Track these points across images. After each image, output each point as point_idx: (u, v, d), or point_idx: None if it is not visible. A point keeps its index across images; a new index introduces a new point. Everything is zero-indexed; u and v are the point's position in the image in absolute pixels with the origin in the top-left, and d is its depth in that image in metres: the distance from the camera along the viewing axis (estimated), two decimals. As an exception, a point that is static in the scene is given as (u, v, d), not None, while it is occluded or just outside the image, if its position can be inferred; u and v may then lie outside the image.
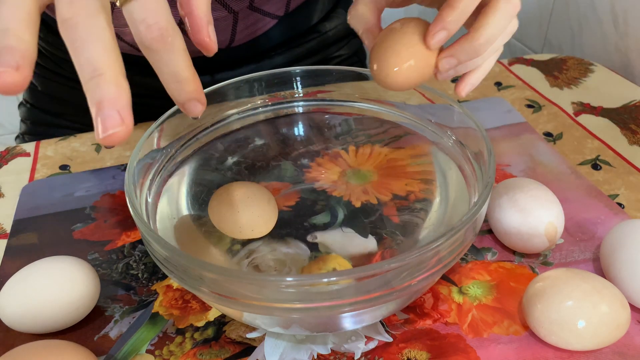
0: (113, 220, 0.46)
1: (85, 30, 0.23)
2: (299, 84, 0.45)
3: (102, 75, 0.23)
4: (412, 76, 0.31)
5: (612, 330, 0.32)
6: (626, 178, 0.48)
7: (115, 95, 0.23)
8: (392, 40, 0.31)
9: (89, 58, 0.23)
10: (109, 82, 0.23)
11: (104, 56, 0.23)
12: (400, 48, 0.31)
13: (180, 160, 0.41)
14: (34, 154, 0.55)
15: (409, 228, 0.40)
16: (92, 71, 0.23)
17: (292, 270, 0.38)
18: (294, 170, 0.45)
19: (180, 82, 0.27)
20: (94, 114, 0.23)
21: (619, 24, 0.66)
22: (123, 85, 0.23)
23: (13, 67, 0.22)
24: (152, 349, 0.36)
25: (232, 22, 0.55)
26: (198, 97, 0.28)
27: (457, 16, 0.29)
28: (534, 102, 0.59)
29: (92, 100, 0.23)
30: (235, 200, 0.38)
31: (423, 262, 0.28)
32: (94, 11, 0.23)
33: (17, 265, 0.40)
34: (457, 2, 0.29)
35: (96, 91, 0.23)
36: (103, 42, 0.23)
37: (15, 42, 0.22)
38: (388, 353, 0.35)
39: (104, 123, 0.23)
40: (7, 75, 0.22)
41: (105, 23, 0.23)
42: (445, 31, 0.30)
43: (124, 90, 0.23)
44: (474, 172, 0.36)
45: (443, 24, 0.30)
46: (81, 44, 0.23)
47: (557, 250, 0.41)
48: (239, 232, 0.38)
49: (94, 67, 0.23)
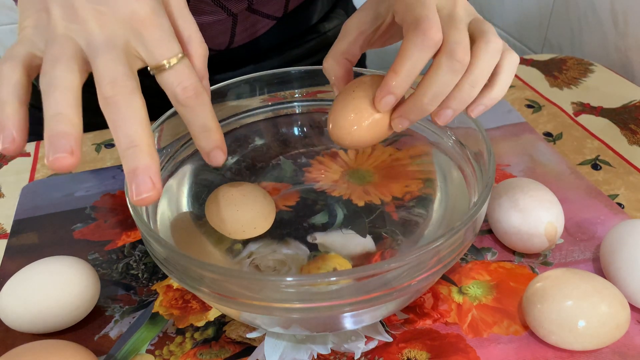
0: (113, 220, 0.46)
1: (125, 109, 0.27)
2: (299, 84, 0.45)
3: (138, 146, 0.26)
4: (364, 136, 0.33)
5: (612, 330, 0.32)
6: (626, 178, 0.48)
7: (148, 164, 0.26)
8: (345, 103, 0.33)
9: (128, 133, 0.26)
10: (143, 153, 0.26)
11: (139, 131, 0.27)
12: (351, 111, 0.33)
13: (180, 160, 0.41)
14: (34, 154, 0.56)
15: (408, 228, 0.40)
16: (129, 142, 0.26)
17: (291, 270, 0.38)
18: (294, 170, 0.45)
19: (208, 132, 0.30)
20: (129, 179, 0.26)
21: (619, 24, 0.66)
22: (155, 156, 0.27)
23: (69, 152, 0.25)
24: (152, 349, 0.36)
25: (231, 24, 0.55)
26: (222, 146, 0.31)
27: (401, 81, 0.31)
28: (534, 102, 0.59)
29: (127, 167, 0.26)
30: (232, 200, 0.38)
31: (423, 262, 0.28)
32: (132, 90, 0.27)
33: (17, 265, 0.40)
34: (399, 67, 0.30)
35: (133, 160, 0.26)
36: (140, 119, 0.27)
37: (69, 127, 0.26)
38: (388, 353, 0.35)
39: (138, 188, 0.26)
40: (65, 160, 0.25)
41: (141, 102, 0.27)
42: (391, 96, 0.31)
43: (156, 161, 0.27)
44: (474, 172, 0.36)
45: (388, 89, 0.31)
46: (122, 121, 0.26)
47: (557, 250, 0.41)
48: (242, 231, 0.38)
49: (131, 139, 0.26)
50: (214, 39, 0.56)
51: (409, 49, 0.30)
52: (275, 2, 0.57)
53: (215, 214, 0.39)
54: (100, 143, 0.56)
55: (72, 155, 0.25)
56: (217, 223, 0.39)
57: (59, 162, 0.25)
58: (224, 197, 0.39)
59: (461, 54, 0.29)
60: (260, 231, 0.38)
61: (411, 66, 0.30)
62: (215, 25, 0.54)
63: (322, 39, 0.65)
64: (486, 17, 0.95)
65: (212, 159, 0.31)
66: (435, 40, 0.29)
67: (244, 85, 0.43)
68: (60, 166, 0.25)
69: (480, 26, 0.31)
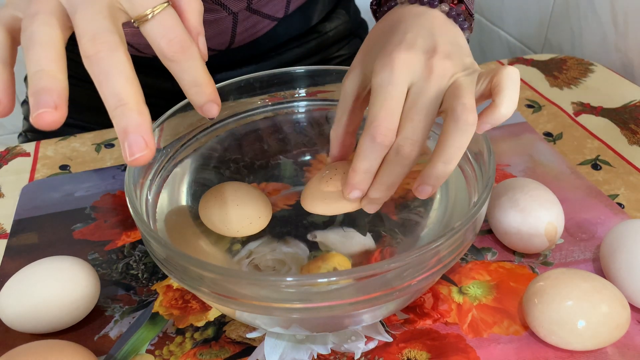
0: (113, 220, 0.46)
1: (108, 64, 0.25)
2: (299, 84, 0.45)
3: (126, 104, 0.25)
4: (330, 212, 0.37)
5: (612, 330, 0.32)
6: (626, 178, 0.48)
7: (138, 122, 0.25)
8: (317, 187, 0.36)
9: (114, 90, 0.25)
10: (132, 111, 0.25)
11: (126, 87, 0.25)
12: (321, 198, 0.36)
13: (180, 160, 0.41)
14: (34, 154, 0.56)
15: (408, 227, 0.40)
16: (117, 101, 0.25)
17: (291, 270, 0.38)
18: (294, 169, 0.45)
19: (199, 86, 0.29)
20: (121, 139, 0.25)
21: (619, 24, 0.66)
22: (145, 112, 0.26)
23: (52, 107, 0.24)
24: (152, 349, 0.36)
25: (231, 24, 0.55)
26: (215, 99, 0.30)
27: (361, 177, 0.32)
28: (534, 102, 0.59)
29: (118, 127, 0.25)
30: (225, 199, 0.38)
31: (423, 262, 0.28)
32: (115, 45, 0.26)
33: (17, 265, 0.40)
34: (357, 166, 0.31)
35: (122, 119, 0.25)
36: (125, 74, 0.26)
37: (51, 82, 0.25)
38: (388, 353, 0.35)
39: (130, 148, 0.25)
40: (48, 115, 0.24)
41: (125, 56, 0.26)
42: (357, 190, 0.32)
43: (146, 117, 0.26)
44: (474, 172, 0.36)
45: (353, 186, 0.32)
46: (105, 77, 0.25)
47: (557, 250, 0.41)
48: (236, 231, 0.38)
49: (118, 98, 0.25)
50: (215, 38, 0.56)
51: (362, 150, 0.31)
52: (275, 3, 0.57)
53: (209, 214, 0.38)
54: (100, 143, 0.56)
55: (56, 110, 0.25)
56: (210, 223, 0.39)
57: (43, 118, 0.24)
58: (217, 197, 0.39)
59: (407, 150, 0.30)
60: (256, 229, 0.38)
61: (368, 165, 0.31)
62: (215, 24, 0.54)
63: (323, 39, 0.65)
64: (486, 17, 0.95)
65: (205, 112, 0.30)
66: (384, 144, 0.30)
67: (244, 85, 0.43)
68: (45, 122, 0.24)
69: (451, 99, 0.30)
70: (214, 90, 0.30)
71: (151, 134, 0.26)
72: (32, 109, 0.25)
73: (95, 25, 0.26)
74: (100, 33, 0.26)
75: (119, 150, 0.55)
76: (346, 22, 0.68)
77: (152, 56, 0.42)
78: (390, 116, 0.30)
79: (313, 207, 0.37)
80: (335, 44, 0.67)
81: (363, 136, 0.31)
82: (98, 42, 0.26)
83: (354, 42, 0.69)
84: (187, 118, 0.40)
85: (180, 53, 0.28)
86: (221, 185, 0.39)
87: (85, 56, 0.26)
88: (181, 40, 0.28)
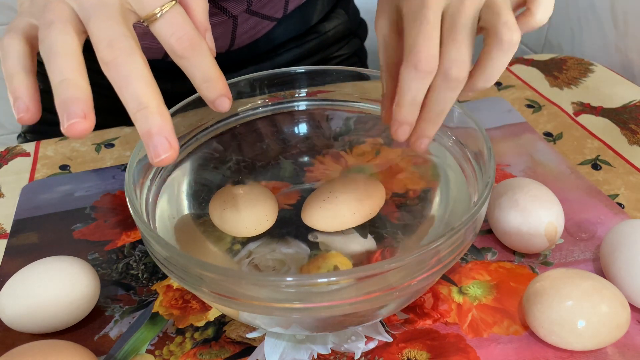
0: (113, 220, 0.46)
1: (127, 69, 0.26)
2: (299, 84, 0.45)
3: (147, 107, 0.26)
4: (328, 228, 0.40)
5: (612, 330, 0.32)
6: (626, 178, 0.48)
7: (161, 124, 0.26)
8: (318, 203, 0.39)
9: (134, 94, 0.26)
10: (154, 114, 0.26)
11: (146, 91, 0.26)
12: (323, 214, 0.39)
13: (180, 160, 0.41)
14: (34, 154, 0.55)
15: (409, 227, 0.40)
16: (138, 105, 0.26)
17: (291, 269, 0.38)
18: (294, 169, 0.45)
19: (210, 81, 0.29)
20: (145, 141, 0.26)
21: (619, 24, 0.66)
22: (166, 114, 0.26)
23: (82, 117, 0.25)
24: (152, 349, 0.36)
25: (231, 27, 0.55)
26: (226, 93, 0.30)
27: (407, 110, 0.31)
28: (534, 102, 0.59)
29: (141, 129, 0.26)
30: (236, 200, 0.39)
31: (423, 262, 0.28)
32: (131, 50, 0.26)
33: (17, 265, 0.40)
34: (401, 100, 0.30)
35: (144, 122, 0.26)
36: (144, 78, 0.26)
37: (77, 92, 0.26)
38: (388, 353, 0.35)
39: (155, 150, 0.26)
40: (79, 125, 0.25)
41: (142, 60, 0.27)
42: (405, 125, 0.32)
43: (167, 119, 0.26)
44: (474, 172, 0.36)
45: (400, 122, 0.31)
46: (126, 82, 0.26)
47: (557, 250, 0.41)
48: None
49: (139, 102, 0.26)
50: (215, 41, 0.56)
51: (404, 82, 0.30)
52: (274, 3, 0.57)
53: (219, 215, 0.39)
54: (100, 143, 0.56)
55: (86, 119, 0.25)
56: (220, 223, 0.39)
57: (75, 128, 0.25)
58: (228, 198, 0.39)
59: (455, 73, 0.29)
60: (264, 229, 0.39)
61: (413, 95, 0.30)
62: (214, 28, 0.54)
63: (323, 39, 0.65)
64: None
65: (217, 107, 0.30)
66: (428, 71, 0.29)
67: (244, 85, 0.43)
68: (77, 132, 0.25)
69: (491, 17, 0.29)
70: (224, 85, 0.30)
71: (174, 134, 0.26)
72: (62, 120, 0.26)
73: (111, 32, 0.27)
74: (116, 39, 0.26)
75: (119, 150, 0.55)
76: (345, 22, 0.68)
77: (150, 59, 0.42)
78: (430, 40, 0.29)
79: (314, 222, 0.39)
80: (335, 44, 0.67)
81: (403, 67, 0.30)
82: (115, 48, 0.26)
83: (353, 42, 0.69)
84: (187, 118, 0.40)
85: (190, 50, 0.28)
86: (229, 186, 0.40)
87: (104, 62, 0.26)
88: (190, 37, 0.28)
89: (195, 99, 0.39)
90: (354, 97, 0.44)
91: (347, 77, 0.44)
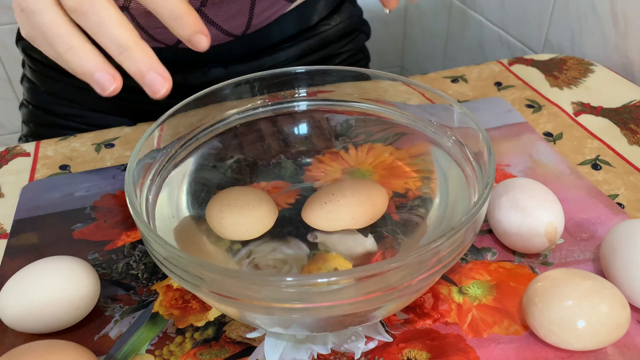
0: (113, 220, 0.46)
1: (95, 15, 0.26)
2: (299, 84, 0.45)
3: (129, 48, 0.26)
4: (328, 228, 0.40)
5: (612, 330, 0.32)
6: (626, 178, 0.48)
7: (146, 60, 0.27)
8: (319, 203, 0.40)
9: (110, 37, 0.26)
10: (137, 52, 0.27)
11: (120, 31, 0.26)
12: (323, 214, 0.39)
13: (180, 160, 0.41)
14: (34, 154, 0.55)
15: (409, 227, 0.40)
16: (118, 47, 0.26)
17: (292, 270, 0.38)
18: (295, 169, 0.45)
19: (179, 19, 0.29)
20: (139, 80, 0.27)
21: (619, 24, 0.66)
22: (147, 49, 0.27)
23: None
24: (152, 349, 0.36)
25: (249, 4, 0.55)
26: (200, 30, 0.29)
27: None
28: (534, 102, 0.59)
29: (130, 70, 0.27)
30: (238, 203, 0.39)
31: (423, 262, 0.28)
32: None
33: (17, 265, 0.40)
34: None
35: (131, 63, 0.26)
36: (114, 19, 0.27)
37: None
38: (388, 353, 0.35)
39: (153, 86, 0.27)
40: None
41: (108, 2, 0.27)
42: None
43: (150, 53, 0.27)
44: (474, 172, 0.36)
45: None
46: (98, 28, 0.26)
47: (557, 250, 0.41)
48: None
49: (117, 44, 0.26)
50: (232, 20, 0.55)
51: None
52: None
53: (217, 219, 0.39)
54: (100, 143, 0.56)
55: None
56: (218, 228, 0.39)
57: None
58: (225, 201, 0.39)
59: None
60: (263, 231, 0.39)
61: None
62: (234, 3, 0.54)
63: (330, 33, 0.66)
64: (486, 17, 0.95)
65: (194, 45, 0.29)
66: None
67: (244, 85, 0.43)
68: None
69: None
70: (197, 21, 0.29)
71: (161, 66, 0.27)
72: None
73: None
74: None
75: (119, 150, 0.55)
76: (355, 15, 0.69)
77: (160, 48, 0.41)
78: None
79: (314, 223, 0.39)
80: (342, 39, 0.68)
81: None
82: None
83: (359, 38, 0.70)
84: (187, 118, 0.40)
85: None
86: (225, 191, 0.40)
87: (70, 11, 0.27)
88: None
89: (195, 99, 0.39)
90: (354, 97, 0.44)
91: (347, 77, 0.44)
